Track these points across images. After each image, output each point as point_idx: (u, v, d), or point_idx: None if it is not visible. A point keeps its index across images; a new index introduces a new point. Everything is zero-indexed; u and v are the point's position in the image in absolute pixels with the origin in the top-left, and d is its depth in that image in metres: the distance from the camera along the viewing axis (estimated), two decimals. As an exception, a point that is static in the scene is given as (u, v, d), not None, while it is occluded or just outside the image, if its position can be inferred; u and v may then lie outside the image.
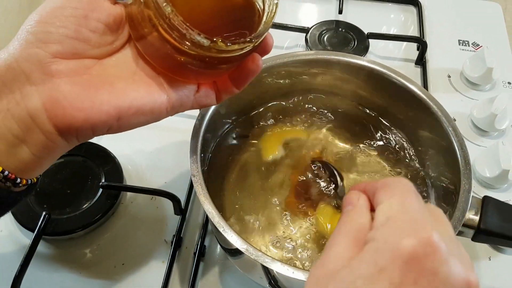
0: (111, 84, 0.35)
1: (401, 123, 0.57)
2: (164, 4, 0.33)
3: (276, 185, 0.54)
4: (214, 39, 0.34)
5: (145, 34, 0.35)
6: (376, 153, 0.57)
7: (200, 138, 0.48)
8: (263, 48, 0.39)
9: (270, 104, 0.59)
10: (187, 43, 0.34)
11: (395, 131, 0.57)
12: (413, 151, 0.56)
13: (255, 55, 0.39)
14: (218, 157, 0.55)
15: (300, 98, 0.60)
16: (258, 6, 0.39)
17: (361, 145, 0.57)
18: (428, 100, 0.51)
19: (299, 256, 0.49)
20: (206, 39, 0.34)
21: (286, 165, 0.56)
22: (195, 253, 0.55)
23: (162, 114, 0.38)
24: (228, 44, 0.35)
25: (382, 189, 0.32)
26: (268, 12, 0.37)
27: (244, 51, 0.36)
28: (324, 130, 0.59)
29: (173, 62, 0.36)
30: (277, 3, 0.38)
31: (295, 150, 0.57)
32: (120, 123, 0.35)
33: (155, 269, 0.54)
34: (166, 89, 0.38)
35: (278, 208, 0.52)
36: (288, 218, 0.51)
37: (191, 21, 0.35)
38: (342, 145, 0.58)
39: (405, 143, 0.56)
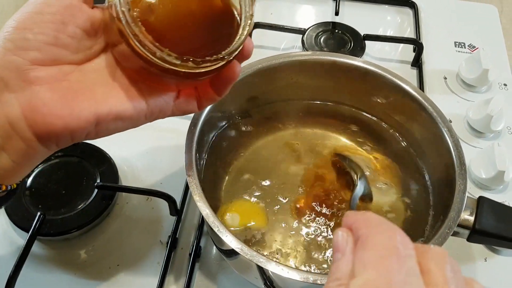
0: (90, 90, 0.35)
1: (397, 124, 0.57)
2: (133, 24, 0.33)
3: (274, 187, 0.54)
4: (185, 58, 0.34)
5: (118, 45, 0.35)
6: (372, 154, 0.57)
7: (196, 138, 0.48)
8: (242, 54, 0.39)
9: (265, 104, 0.59)
10: (159, 61, 0.34)
11: (391, 131, 0.57)
12: (409, 151, 0.56)
13: (233, 62, 0.39)
14: (214, 157, 0.55)
15: (296, 98, 0.60)
16: (237, 19, 0.39)
17: (357, 146, 0.57)
18: (423, 100, 0.51)
19: (295, 258, 0.49)
20: (176, 59, 0.34)
21: (287, 165, 0.56)
22: (190, 254, 0.55)
23: (141, 120, 0.38)
24: (199, 62, 0.35)
25: (361, 246, 0.27)
26: (243, 26, 0.38)
27: (219, 65, 0.37)
28: (320, 131, 0.59)
29: (147, 73, 0.36)
30: (252, 15, 0.38)
31: (298, 152, 0.57)
32: (98, 129, 0.36)
33: (150, 270, 0.54)
34: (145, 95, 0.37)
35: (276, 210, 0.52)
36: (285, 222, 0.51)
37: (167, 33, 0.35)
38: (338, 146, 0.58)
39: (401, 143, 0.57)
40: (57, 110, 0.33)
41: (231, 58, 0.37)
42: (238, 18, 0.39)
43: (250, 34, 0.37)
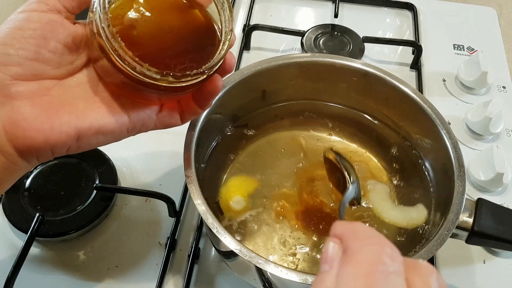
0: (71, 105, 0.35)
1: (396, 125, 0.57)
2: (113, 39, 0.33)
3: (273, 188, 0.54)
4: (165, 73, 0.35)
5: (100, 60, 0.36)
6: (371, 155, 0.57)
7: (194, 140, 0.48)
8: (224, 68, 0.40)
9: (265, 106, 0.59)
10: (139, 75, 0.35)
11: (389, 132, 0.57)
12: (408, 153, 0.56)
13: (215, 76, 0.40)
14: (213, 158, 0.55)
15: (295, 100, 0.60)
16: (218, 34, 0.39)
17: (357, 147, 0.57)
18: (421, 102, 0.51)
19: (297, 260, 0.49)
20: (156, 73, 0.34)
21: (288, 167, 0.56)
22: (189, 256, 0.55)
23: (123, 134, 0.38)
24: (179, 76, 0.35)
25: (347, 259, 0.27)
26: (223, 41, 0.38)
27: (199, 80, 0.37)
28: (319, 133, 0.59)
29: (128, 87, 0.36)
30: (231, 31, 0.39)
31: (298, 154, 0.57)
32: (79, 144, 0.36)
33: (149, 272, 0.54)
34: (127, 109, 0.38)
35: (278, 211, 0.52)
36: (288, 224, 0.51)
37: (148, 48, 0.36)
38: (339, 147, 0.58)
39: (400, 145, 0.57)
40: (38, 125, 0.33)
41: (212, 72, 0.38)
42: (219, 33, 0.39)
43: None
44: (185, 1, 0.40)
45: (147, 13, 0.37)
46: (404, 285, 0.25)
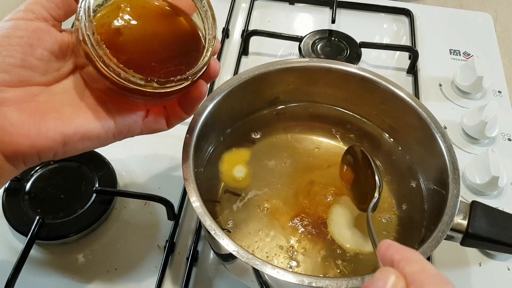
0: (58, 110, 0.36)
1: (391, 129, 0.57)
2: (97, 47, 0.34)
3: (271, 190, 0.54)
4: (149, 79, 0.36)
5: (86, 67, 0.37)
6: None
7: (193, 143, 0.48)
8: (208, 74, 0.41)
9: (262, 110, 0.60)
10: (124, 81, 0.35)
11: (385, 136, 0.58)
12: (403, 156, 0.56)
13: (200, 82, 0.41)
14: (212, 162, 0.55)
15: (292, 104, 0.60)
16: (202, 41, 0.40)
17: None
18: (416, 106, 0.52)
19: (296, 263, 0.49)
20: (140, 79, 0.35)
21: (284, 170, 0.56)
22: (188, 258, 0.55)
23: (109, 139, 0.39)
24: (163, 82, 0.36)
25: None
26: (207, 48, 0.39)
27: (184, 85, 0.38)
28: (316, 136, 0.59)
29: (114, 93, 0.37)
30: (214, 37, 0.40)
31: (295, 157, 0.57)
32: (65, 149, 0.36)
33: (148, 274, 0.54)
34: (113, 114, 0.39)
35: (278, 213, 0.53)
36: (288, 225, 0.52)
37: (133, 55, 0.37)
38: (333, 151, 0.58)
39: (395, 148, 0.57)
40: (24, 130, 0.34)
41: (196, 78, 0.39)
42: (203, 40, 0.40)
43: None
44: (170, 10, 0.41)
45: (133, 21, 0.38)
46: None
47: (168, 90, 0.37)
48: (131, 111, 0.40)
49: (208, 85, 0.44)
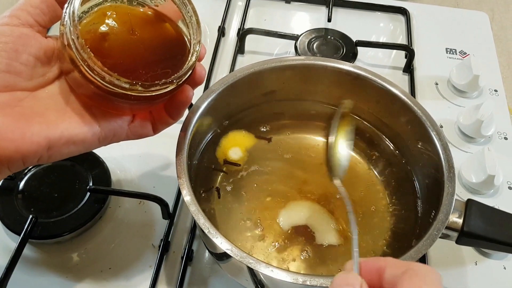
0: (43, 115, 0.36)
1: (387, 128, 0.57)
2: (82, 50, 0.35)
3: (264, 187, 0.54)
4: (134, 82, 0.36)
5: (71, 71, 0.37)
6: (363, 158, 0.57)
7: (187, 142, 0.48)
8: (194, 80, 0.41)
9: (256, 107, 0.60)
10: (108, 85, 0.36)
11: (380, 134, 0.58)
12: (399, 155, 0.56)
13: (185, 87, 0.41)
14: (206, 160, 0.55)
15: (287, 101, 0.60)
16: (188, 46, 0.41)
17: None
18: (412, 104, 0.51)
19: (292, 264, 0.49)
20: (125, 83, 0.35)
21: (277, 167, 0.56)
22: (182, 258, 0.55)
23: (94, 144, 0.39)
24: (148, 86, 0.36)
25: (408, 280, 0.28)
26: (192, 52, 0.40)
27: (169, 89, 0.38)
28: (308, 134, 0.59)
29: (99, 98, 0.37)
30: (199, 42, 0.40)
31: (288, 155, 0.57)
32: (50, 153, 0.36)
33: (142, 274, 0.54)
34: (98, 119, 0.39)
35: (273, 213, 0.52)
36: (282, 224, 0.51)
37: (119, 60, 0.37)
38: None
39: (391, 147, 0.57)
40: (8, 134, 0.34)
41: (181, 82, 0.39)
42: (189, 45, 0.41)
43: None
44: (155, 16, 0.42)
45: (118, 27, 0.39)
46: None
47: (153, 94, 0.37)
48: (117, 116, 0.40)
49: (203, 87, 0.44)
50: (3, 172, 0.36)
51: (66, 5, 0.37)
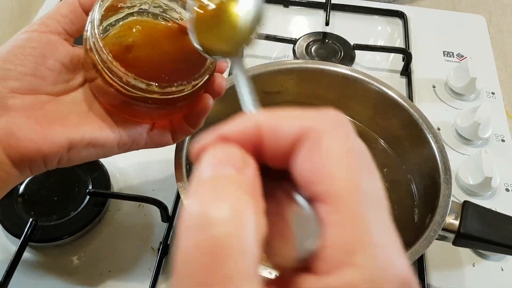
0: (65, 118, 0.37)
1: (384, 130, 0.58)
2: (101, 52, 0.36)
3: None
4: (150, 83, 0.37)
5: (93, 77, 0.38)
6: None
7: (186, 145, 0.48)
8: (213, 89, 0.42)
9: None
10: (126, 86, 0.37)
11: (377, 137, 0.58)
12: (395, 157, 0.57)
13: (204, 95, 0.41)
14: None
15: (285, 104, 0.61)
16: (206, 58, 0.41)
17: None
18: (408, 107, 0.52)
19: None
20: (141, 83, 0.36)
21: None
22: (181, 260, 0.55)
23: (114, 150, 0.40)
24: (164, 86, 0.37)
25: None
26: (209, 60, 0.40)
27: (185, 93, 0.39)
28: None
29: (120, 103, 0.38)
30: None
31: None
32: (70, 155, 0.37)
33: (142, 277, 0.54)
34: (118, 125, 0.39)
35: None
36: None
37: (142, 68, 0.38)
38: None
39: (387, 149, 0.57)
40: (31, 135, 0.35)
41: (197, 86, 0.39)
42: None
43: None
44: (179, 30, 0.43)
45: (142, 40, 0.40)
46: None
47: (170, 96, 0.38)
48: (137, 123, 0.41)
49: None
50: (25, 173, 0.36)
51: (90, 13, 0.38)
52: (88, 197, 0.57)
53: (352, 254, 0.18)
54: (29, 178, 0.58)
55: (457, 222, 0.45)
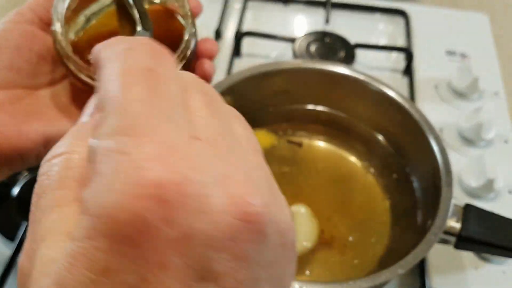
0: (42, 113, 0.36)
1: (384, 131, 0.57)
2: (59, 45, 0.35)
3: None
4: None
5: (65, 70, 0.36)
6: (360, 161, 0.57)
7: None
8: (208, 52, 0.41)
9: (255, 112, 0.59)
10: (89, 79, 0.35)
11: (378, 138, 0.57)
12: (397, 159, 0.56)
13: (200, 62, 0.40)
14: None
15: (284, 105, 0.60)
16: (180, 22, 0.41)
17: (346, 153, 0.57)
18: (409, 108, 0.51)
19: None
20: None
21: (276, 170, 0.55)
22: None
23: None
24: None
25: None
26: (186, 24, 0.39)
27: None
28: (308, 139, 0.59)
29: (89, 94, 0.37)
30: (187, 14, 0.40)
31: (287, 159, 0.57)
32: (47, 150, 0.36)
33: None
34: None
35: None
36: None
37: None
38: (327, 153, 0.57)
39: (389, 150, 0.57)
40: (5, 131, 0.33)
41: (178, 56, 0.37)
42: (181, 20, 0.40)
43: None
44: (164, 12, 0.41)
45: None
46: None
47: None
48: None
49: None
50: (3, 172, 0.35)
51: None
52: (83, 199, 0.56)
53: None
54: (23, 181, 0.57)
55: (458, 225, 0.44)
